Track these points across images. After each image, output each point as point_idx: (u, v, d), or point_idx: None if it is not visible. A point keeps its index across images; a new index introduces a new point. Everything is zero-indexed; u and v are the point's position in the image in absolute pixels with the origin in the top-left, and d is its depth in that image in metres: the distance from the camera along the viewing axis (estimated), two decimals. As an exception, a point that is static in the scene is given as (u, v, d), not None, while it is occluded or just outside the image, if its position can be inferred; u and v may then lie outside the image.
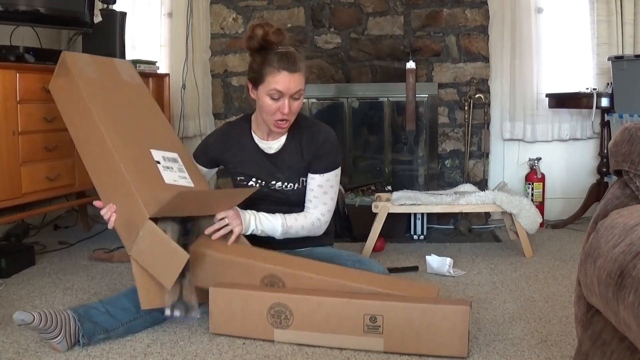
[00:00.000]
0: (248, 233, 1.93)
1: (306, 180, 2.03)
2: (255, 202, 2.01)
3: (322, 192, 2.01)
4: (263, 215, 1.95)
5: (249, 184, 2.05)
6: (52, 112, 2.51)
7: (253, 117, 2.09)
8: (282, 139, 2.04)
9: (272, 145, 2.04)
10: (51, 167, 2.53)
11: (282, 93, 1.88)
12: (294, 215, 1.98)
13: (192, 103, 3.51)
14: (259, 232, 1.94)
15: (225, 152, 2.09)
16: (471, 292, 2.19)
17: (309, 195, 2.02)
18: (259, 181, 2.04)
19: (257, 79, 1.91)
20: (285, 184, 2.03)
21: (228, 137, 2.10)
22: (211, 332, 1.78)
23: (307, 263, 1.85)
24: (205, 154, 2.14)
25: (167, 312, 1.71)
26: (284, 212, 2.02)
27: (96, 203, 1.84)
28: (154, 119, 2.14)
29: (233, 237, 1.86)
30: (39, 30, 2.93)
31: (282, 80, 1.86)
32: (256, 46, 1.89)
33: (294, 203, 2.04)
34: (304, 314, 1.68)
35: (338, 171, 2.04)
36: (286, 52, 1.88)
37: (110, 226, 1.78)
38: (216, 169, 2.19)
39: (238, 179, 2.08)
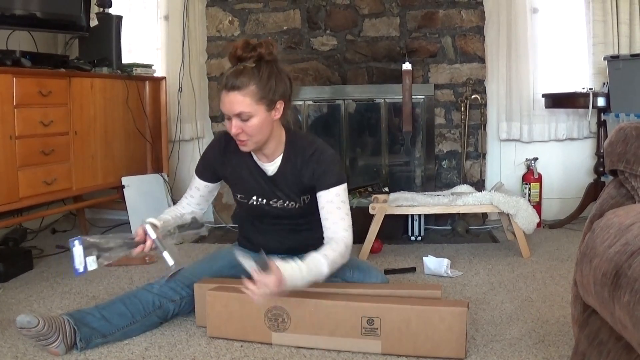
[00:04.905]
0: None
1: (309, 198, 1.94)
2: (257, 218, 2.01)
3: (335, 207, 1.83)
4: (306, 268, 1.65)
5: (250, 202, 1.98)
6: (48, 116, 2.51)
7: None
8: (277, 161, 1.92)
9: (268, 167, 1.94)
10: (48, 171, 2.53)
11: (225, 113, 1.78)
12: (325, 247, 1.76)
13: (189, 106, 3.51)
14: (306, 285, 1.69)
15: (224, 167, 1.99)
16: (469, 292, 2.20)
17: (324, 214, 1.85)
18: (260, 199, 1.95)
19: None
20: (287, 202, 1.95)
21: (226, 151, 1.97)
22: (208, 336, 1.78)
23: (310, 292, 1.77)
24: (207, 169, 2.03)
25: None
26: (286, 225, 1.99)
27: None
28: None
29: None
30: (35, 35, 2.93)
31: (222, 100, 1.76)
32: (234, 63, 1.80)
33: (297, 216, 1.98)
34: (301, 316, 1.68)
35: (345, 186, 1.88)
36: (235, 69, 1.76)
37: None
38: (220, 182, 2.07)
39: (239, 196, 1.99)
